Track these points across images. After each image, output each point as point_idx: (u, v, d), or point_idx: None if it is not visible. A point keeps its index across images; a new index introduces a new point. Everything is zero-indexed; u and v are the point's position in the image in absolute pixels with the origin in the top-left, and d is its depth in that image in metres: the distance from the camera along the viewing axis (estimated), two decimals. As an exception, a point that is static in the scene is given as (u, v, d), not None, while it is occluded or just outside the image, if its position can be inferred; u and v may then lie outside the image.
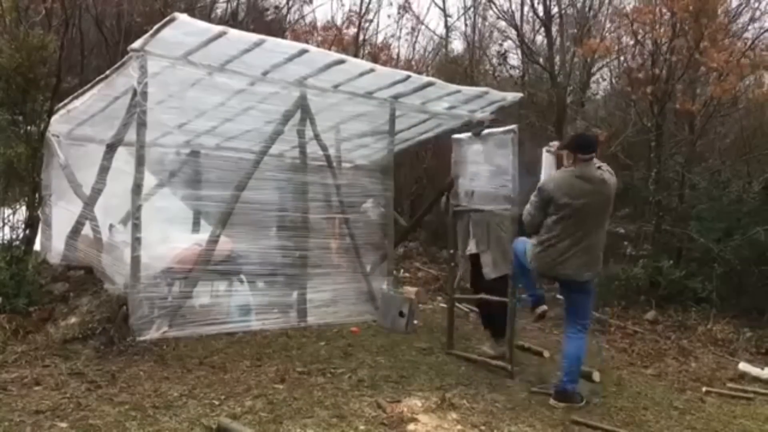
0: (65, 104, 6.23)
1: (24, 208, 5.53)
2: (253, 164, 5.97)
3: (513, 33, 12.61)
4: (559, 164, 4.73)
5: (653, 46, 9.13)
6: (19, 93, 5.19)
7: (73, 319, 4.91)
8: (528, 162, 5.33)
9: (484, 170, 5.53)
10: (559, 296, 8.16)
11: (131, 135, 5.35)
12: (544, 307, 4.80)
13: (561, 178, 4.45)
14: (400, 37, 21.09)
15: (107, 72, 5.79)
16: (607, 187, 4.41)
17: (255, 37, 5.34)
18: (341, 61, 5.84)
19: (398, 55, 15.48)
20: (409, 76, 6.42)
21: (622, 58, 11.45)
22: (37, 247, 5.95)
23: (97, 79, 5.95)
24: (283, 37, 12.61)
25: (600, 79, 13.71)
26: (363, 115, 6.91)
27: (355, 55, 11.66)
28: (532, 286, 4.94)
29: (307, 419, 3.66)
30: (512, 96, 7.40)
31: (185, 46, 5.18)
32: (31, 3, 6.12)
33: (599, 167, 4.45)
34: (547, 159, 4.90)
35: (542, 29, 11.86)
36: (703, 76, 9.38)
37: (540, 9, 11.24)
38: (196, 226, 6.60)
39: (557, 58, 11.01)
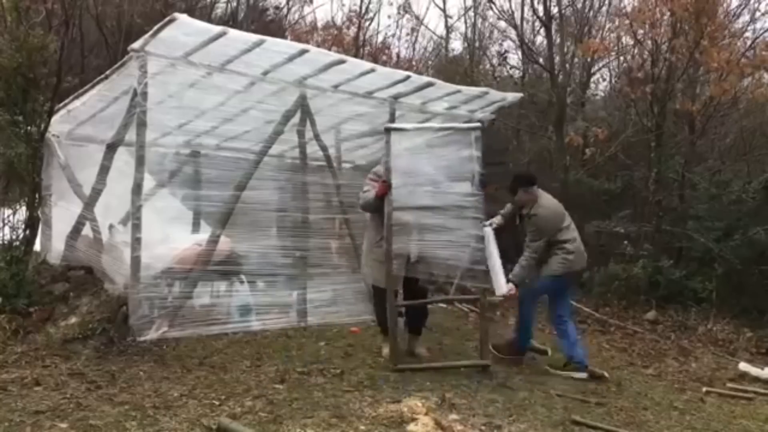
0: (65, 104, 6.23)
1: (24, 208, 5.53)
2: (253, 164, 5.97)
3: (513, 33, 12.63)
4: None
5: (653, 45, 9.13)
6: (19, 93, 5.18)
7: (73, 319, 4.91)
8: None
9: None
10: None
11: (131, 135, 5.35)
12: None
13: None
14: (400, 38, 21.12)
15: (107, 72, 5.79)
16: None
17: (255, 37, 5.34)
18: (341, 61, 5.84)
19: (398, 55, 15.49)
20: (409, 76, 6.42)
21: (621, 58, 11.47)
22: (37, 247, 5.95)
23: (98, 79, 5.95)
24: (283, 37, 12.61)
25: (600, 79, 13.72)
26: (363, 115, 6.92)
27: (355, 56, 11.65)
28: None
29: (307, 419, 3.65)
30: (512, 96, 7.41)
31: (185, 47, 5.19)
32: (32, 3, 6.11)
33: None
34: (489, 234, 5.05)
35: (542, 29, 11.85)
36: (703, 75, 9.38)
37: (540, 9, 11.23)
38: (196, 226, 6.61)
39: (557, 58, 11.00)
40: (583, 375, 5.06)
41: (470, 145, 4.91)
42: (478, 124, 5.37)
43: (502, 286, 5.00)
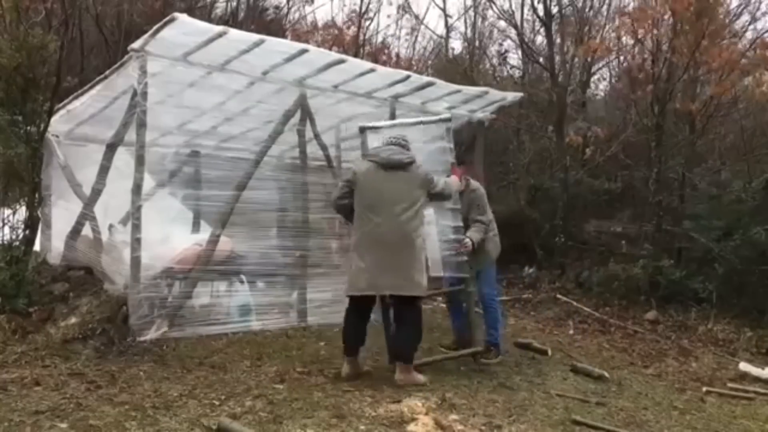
0: (65, 104, 6.22)
1: (24, 208, 5.52)
2: (253, 164, 5.97)
3: (513, 33, 12.63)
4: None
5: (653, 45, 9.12)
6: (19, 93, 5.17)
7: (73, 320, 4.90)
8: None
9: None
10: (560, 296, 8.21)
11: (131, 135, 5.35)
12: None
13: None
14: (399, 37, 21.11)
15: (107, 72, 5.79)
16: None
17: (255, 37, 5.34)
18: (341, 61, 5.85)
19: (398, 55, 15.49)
20: (409, 76, 6.42)
21: (622, 58, 11.47)
22: (36, 247, 5.94)
23: (97, 79, 5.95)
24: (283, 37, 12.61)
25: (600, 79, 13.73)
26: (363, 114, 6.91)
27: (355, 55, 11.65)
28: None
29: (307, 419, 3.65)
30: (512, 96, 7.41)
31: (185, 46, 5.19)
32: (31, 3, 6.10)
33: None
34: None
35: (542, 29, 11.85)
36: (703, 75, 9.38)
37: (540, 9, 11.24)
38: (196, 226, 6.60)
39: (557, 58, 11.00)
40: (499, 359, 5.18)
41: (442, 137, 4.96)
42: (449, 115, 5.36)
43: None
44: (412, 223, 4.43)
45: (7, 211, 5.67)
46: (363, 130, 4.96)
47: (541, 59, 11.64)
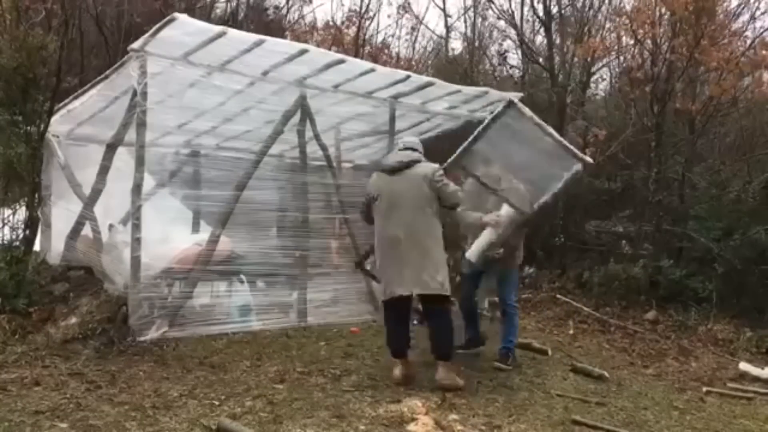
0: (65, 104, 6.22)
1: (24, 208, 5.53)
2: (253, 164, 5.97)
3: (513, 33, 12.62)
4: None
5: (653, 45, 9.12)
6: (19, 93, 5.18)
7: (73, 320, 4.91)
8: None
9: None
10: (560, 296, 8.21)
11: (131, 135, 5.35)
12: None
13: None
14: (400, 37, 21.12)
15: (107, 72, 5.79)
16: None
17: (255, 37, 5.35)
18: (341, 61, 5.85)
19: (398, 54, 15.46)
20: (409, 76, 6.43)
21: (621, 58, 11.46)
22: (36, 247, 5.95)
23: (97, 79, 5.96)
24: (282, 37, 12.60)
25: (600, 79, 13.71)
26: (363, 114, 6.92)
27: (355, 55, 11.64)
28: None
29: (307, 419, 3.66)
30: (512, 96, 7.39)
31: (185, 46, 5.19)
32: (32, 3, 6.11)
33: None
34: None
35: (542, 29, 11.85)
36: (702, 75, 9.37)
37: (540, 9, 11.24)
38: (196, 226, 6.61)
39: (557, 58, 11.00)
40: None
41: (568, 169, 4.76)
42: (590, 160, 5.11)
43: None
44: (420, 222, 4.36)
45: (7, 211, 5.68)
46: (510, 104, 4.91)
47: (540, 59, 11.63)
